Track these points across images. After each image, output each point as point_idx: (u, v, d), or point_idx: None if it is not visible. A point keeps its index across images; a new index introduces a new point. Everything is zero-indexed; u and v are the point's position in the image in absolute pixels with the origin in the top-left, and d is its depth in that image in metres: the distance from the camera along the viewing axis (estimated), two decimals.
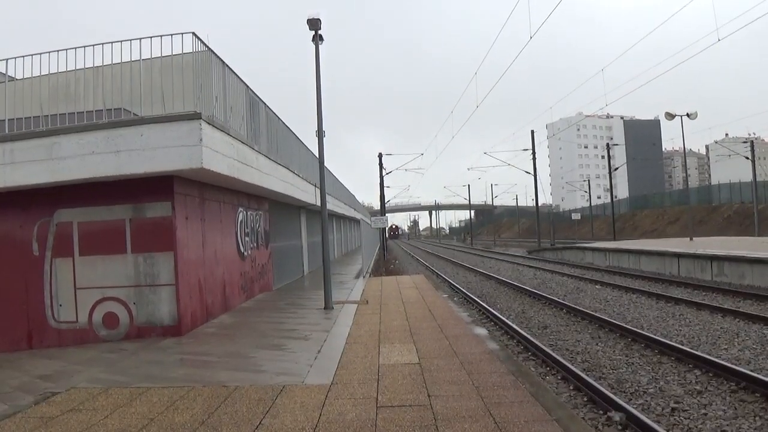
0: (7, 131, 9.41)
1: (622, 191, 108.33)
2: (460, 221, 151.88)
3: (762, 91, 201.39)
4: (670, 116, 31.71)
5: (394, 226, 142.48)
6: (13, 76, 9.80)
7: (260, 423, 5.21)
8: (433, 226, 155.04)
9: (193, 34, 9.30)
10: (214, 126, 9.51)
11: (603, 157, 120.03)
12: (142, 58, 9.17)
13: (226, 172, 10.11)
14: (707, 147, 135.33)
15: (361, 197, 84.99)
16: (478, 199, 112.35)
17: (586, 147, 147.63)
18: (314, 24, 12.64)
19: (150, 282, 9.84)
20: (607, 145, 54.87)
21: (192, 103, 9.27)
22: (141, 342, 9.49)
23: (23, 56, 9.55)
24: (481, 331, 9.90)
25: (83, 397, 6.30)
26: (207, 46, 9.79)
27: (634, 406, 6.46)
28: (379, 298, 14.76)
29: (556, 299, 15.41)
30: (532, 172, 46.77)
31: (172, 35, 9.14)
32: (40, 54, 9.52)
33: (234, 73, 11.32)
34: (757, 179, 43.78)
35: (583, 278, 21.75)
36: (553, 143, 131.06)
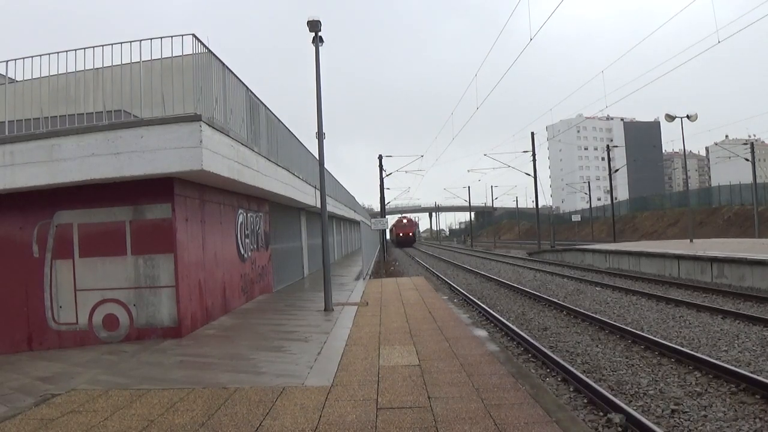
0: (7, 133, 9.41)
1: (622, 193, 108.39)
2: (460, 223, 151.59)
3: (762, 93, 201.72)
4: (670, 118, 31.71)
5: (405, 221, 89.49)
6: (14, 77, 9.81)
7: (260, 425, 5.21)
8: (433, 227, 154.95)
9: (194, 35, 9.31)
10: (214, 128, 9.52)
11: (603, 158, 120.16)
12: (142, 59, 9.17)
13: (226, 173, 10.11)
14: (707, 149, 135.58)
15: (361, 199, 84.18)
16: (478, 200, 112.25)
17: (586, 149, 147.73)
18: (314, 26, 12.66)
19: (150, 284, 9.84)
20: (607, 146, 54.90)
21: (192, 105, 9.27)
22: (141, 344, 9.49)
23: (23, 58, 9.56)
24: (481, 332, 9.90)
25: (83, 398, 6.29)
26: (207, 48, 9.80)
27: (635, 407, 6.46)
28: (379, 299, 14.75)
29: (556, 301, 15.41)
30: (532, 174, 46.78)
31: (172, 37, 9.15)
32: (40, 56, 9.53)
33: (234, 74, 11.33)
34: (757, 181, 43.74)
35: (583, 280, 21.74)
36: (554, 145, 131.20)
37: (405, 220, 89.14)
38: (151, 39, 9.17)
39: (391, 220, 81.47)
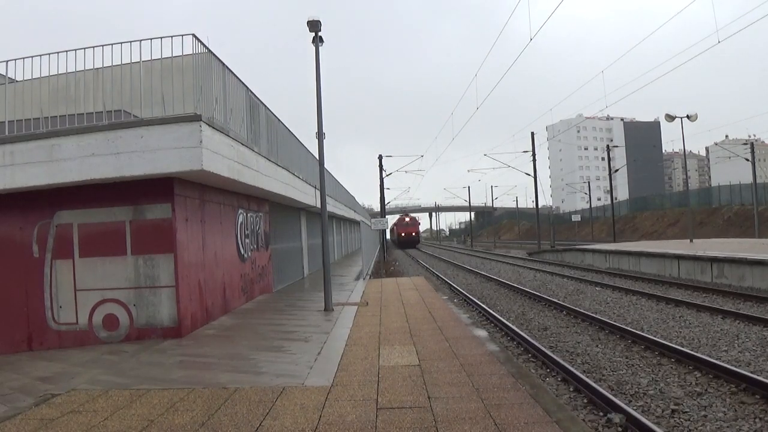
0: (7, 133, 9.42)
1: (622, 193, 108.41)
2: (460, 223, 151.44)
3: (762, 93, 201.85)
4: (670, 118, 31.70)
5: (408, 219, 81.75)
6: (14, 77, 9.81)
7: (260, 425, 5.21)
8: (433, 227, 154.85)
9: (194, 35, 9.31)
10: (214, 128, 9.52)
11: (603, 158, 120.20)
12: (143, 59, 9.17)
13: (226, 173, 10.11)
14: (707, 149, 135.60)
15: (361, 199, 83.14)
16: (478, 200, 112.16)
17: (586, 149, 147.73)
18: (314, 26, 12.66)
19: (150, 284, 9.84)
20: (607, 146, 54.91)
21: (192, 105, 9.27)
22: (141, 344, 9.49)
23: (23, 58, 9.56)
24: (481, 332, 9.90)
25: (83, 398, 6.29)
26: (207, 48, 9.80)
27: (634, 407, 6.46)
28: (379, 299, 14.75)
29: (556, 301, 15.40)
30: (532, 174, 46.77)
31: (172, 37, 9.16)
32: (41, 56, 9.53)
33: (234, 74, 11.33)
34: (757, 181, 43.73)
35: (583, 280, 21.74)
36: (554, 145, 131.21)
37: (408, 219, 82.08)
38: (151, 39, 9.17)
39: (391, 220, 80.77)
